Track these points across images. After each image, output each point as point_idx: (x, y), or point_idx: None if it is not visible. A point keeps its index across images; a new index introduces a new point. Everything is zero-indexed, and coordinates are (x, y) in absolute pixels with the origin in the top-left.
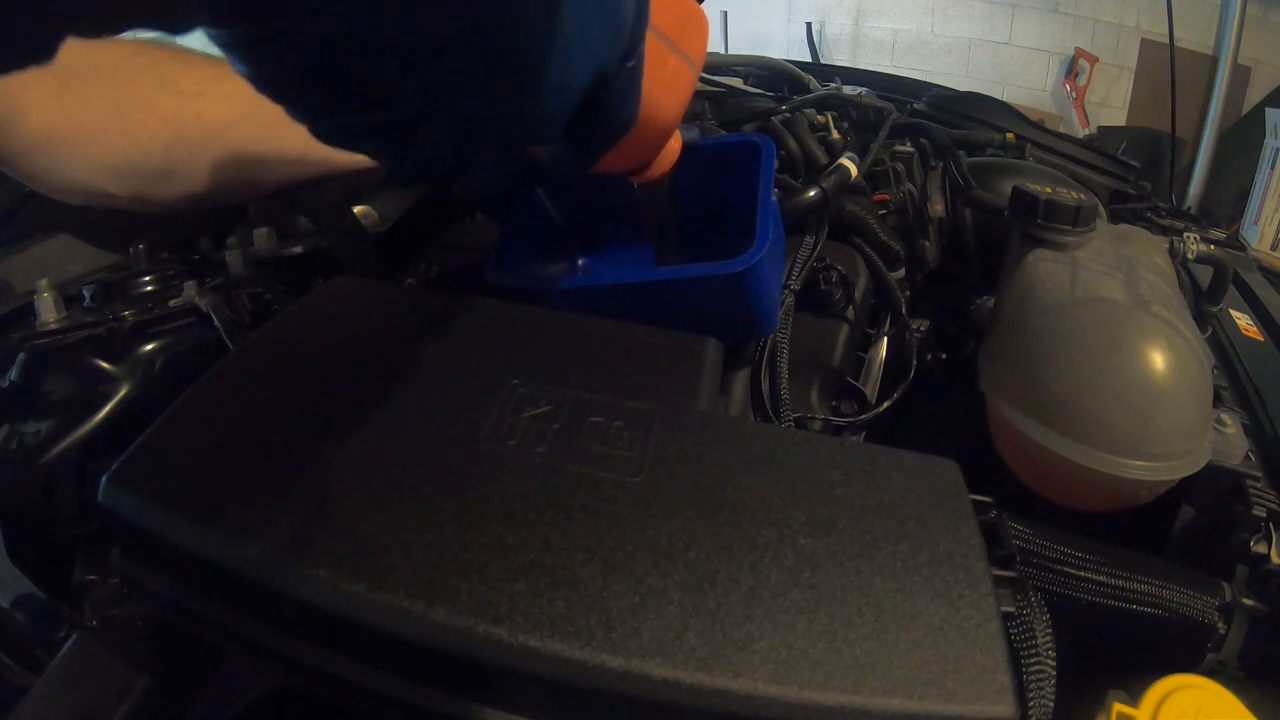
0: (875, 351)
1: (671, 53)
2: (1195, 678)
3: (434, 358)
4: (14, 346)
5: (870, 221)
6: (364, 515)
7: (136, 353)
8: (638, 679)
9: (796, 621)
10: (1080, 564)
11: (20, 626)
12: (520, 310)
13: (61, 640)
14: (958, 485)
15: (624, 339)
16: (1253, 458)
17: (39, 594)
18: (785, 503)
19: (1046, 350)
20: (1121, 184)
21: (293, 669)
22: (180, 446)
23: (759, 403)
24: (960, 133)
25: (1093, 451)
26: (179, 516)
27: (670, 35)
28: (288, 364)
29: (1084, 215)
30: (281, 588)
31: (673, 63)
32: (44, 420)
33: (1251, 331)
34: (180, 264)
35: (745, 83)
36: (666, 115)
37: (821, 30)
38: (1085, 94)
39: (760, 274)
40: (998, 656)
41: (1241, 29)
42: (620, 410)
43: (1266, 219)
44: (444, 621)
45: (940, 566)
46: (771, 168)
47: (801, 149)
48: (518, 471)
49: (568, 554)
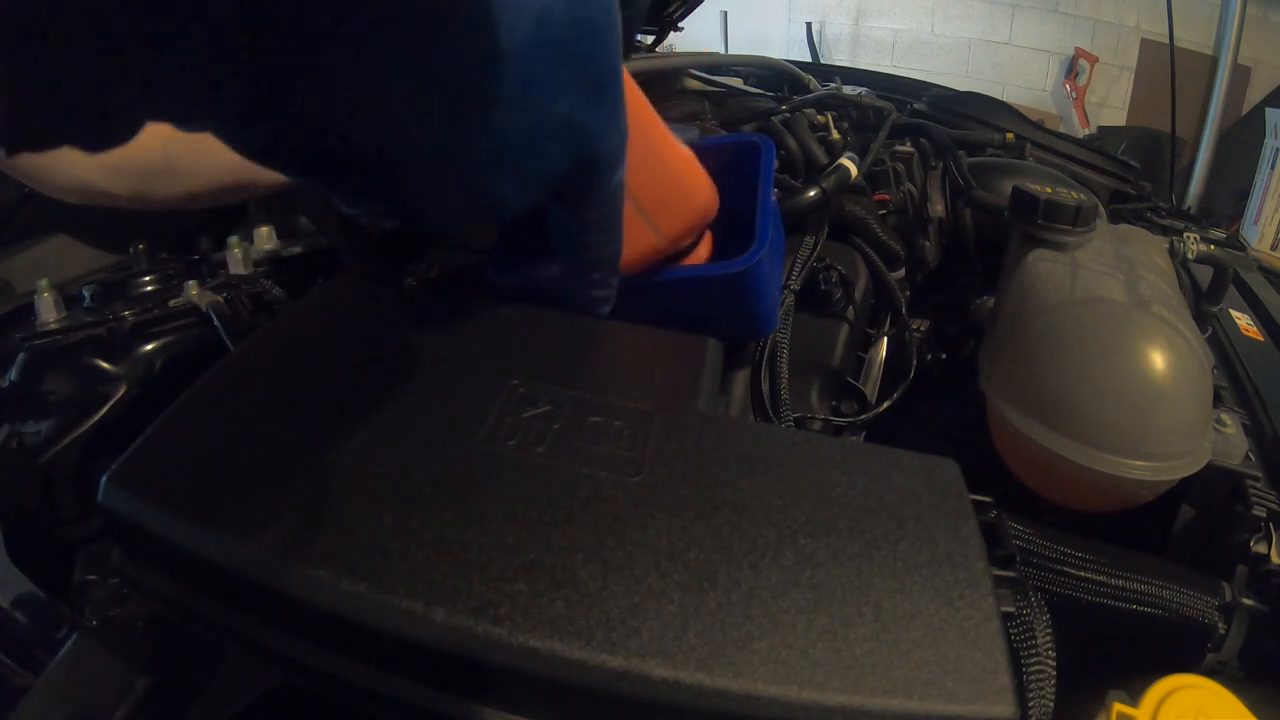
0: (875, 351)
1: (641, 218)
2: (1195, 678)
3: (434, 358)
4: (14, 346)
5: (870, 221)
6: (364, 515)
7: (136, 353)
8: (638, 679)
9: (796, 621)
10: (1080, 564)
11: (20, 626)
12: (520, 310)
13: (61, 640)
14: (958, 485)
15: (624, 339)
16: (1253, 458)
17: (39, 594)
18: (785, 503)
19: (1046, 350)
20: (1121, 184)
21: (293, 669)
22: (180, 446)
23: (759, 403)
24: (960, 133)
25: (1093, 451)
26: (179, 516)
27: (649, 210)
28: (288, 364)
29: (1084, 215)
30: (281, 588)
31: (637, 225)
32: (44, 420)
33: (1251, 331)
34: (180, 264)
35: (745, 83)
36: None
37: (821, 30)
38: (1085, 94)
39: (760, 274)
40: (998, 656)
41: (1241, 29)
42: (620, 410)
43: (1266, 219)
44: (444, 621)
45: (940, 566)
46: (771, 168)
47: (801, 149)
48: (518, 471)
49: (568, 554)
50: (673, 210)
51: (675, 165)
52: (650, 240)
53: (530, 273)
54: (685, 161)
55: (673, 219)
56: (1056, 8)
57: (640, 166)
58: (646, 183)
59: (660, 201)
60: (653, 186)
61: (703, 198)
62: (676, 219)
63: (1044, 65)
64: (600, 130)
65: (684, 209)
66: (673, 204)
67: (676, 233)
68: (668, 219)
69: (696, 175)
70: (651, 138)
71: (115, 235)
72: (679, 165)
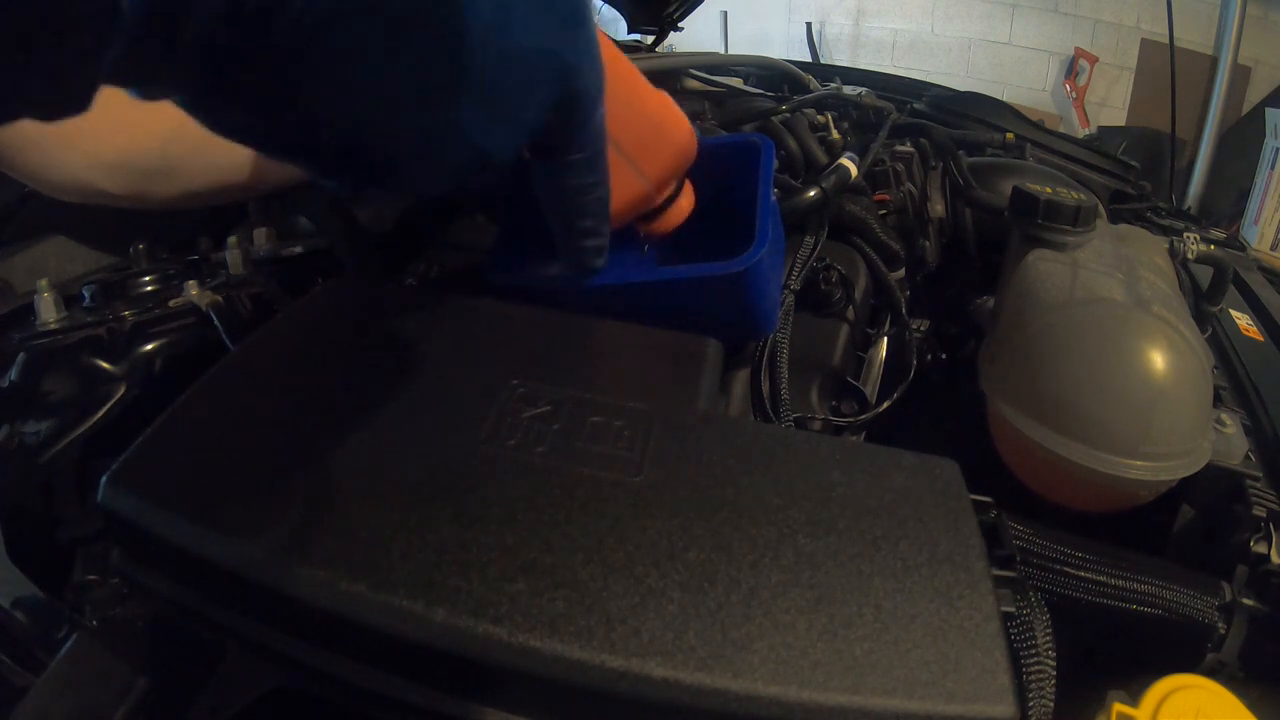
0: (875, 351)
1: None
2: (1195, 678)
3: (434, 358)
4: (14, 346)
5: (870, 221)
6: (364, 515)
7: (136, 353)
8: (638, 679)
9: (796, 621)
10: (1080, 564)
11: (20, 626)
12: (520, 310)
13: (61, 640)
14: (958, 485)
15: (624, 339)
16: (1253, 458)
17: (39, 594)
18: (785, 503)
19: (1046, 350)
20: (1121, 184)
21: (293, 669)
22: (180, 446)
23: (759, 403)
24: (960, 133)
25: (1093, 451)
26: (179, 516)
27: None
28: (288, 364)
29: (1084, 215)
30: (281, 588)
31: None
32: (44, 420)
33: (1251, 331)
34: (180, 264)
35: (745, 83)
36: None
37: (821, 30)
38: (1085, 94)
39: (760, 274)
40: (998, 656)
41: (1241, 29)
42: (620, 410)
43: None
44: (444, 621)
45: (940, 566)
46: (771, 168)
47: (801, 149)
48: (518, 471)
49: (568, 554)
50: (655, 152)
51: (652, 107)
52: (636, 185)
53: (530, 273)
54: (661, 102)
55: (656, 161)
56: (1056, 8)
57: (619, 111)
58: (626, 126)
59: (642, 144)
60: (633, 130)
61: (683, 137)
62: (660, 161)
63: (1044, 65)
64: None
65: (666, 150)
66: (654, 146)
67: (660, 175)
68: (651, 161)
69: (674, 115)
70: (626, 80)
71: (115, 235)
72: (656, 107)
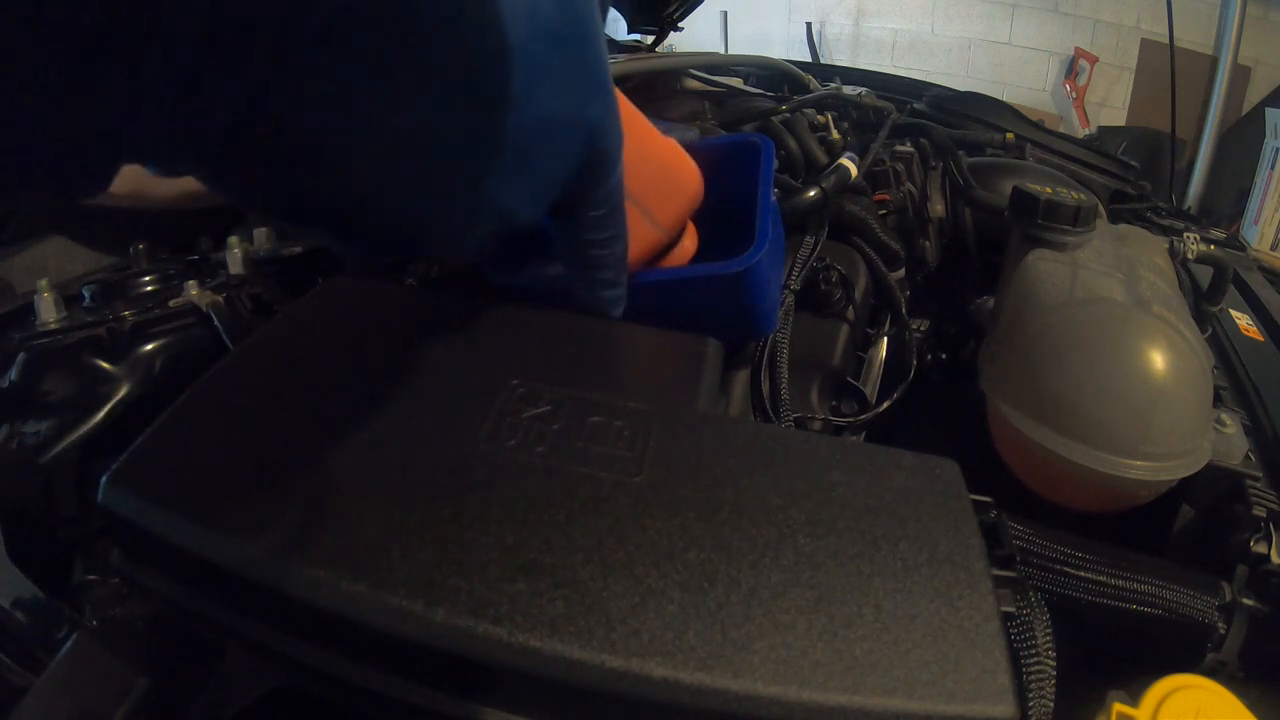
0: (875, 351)
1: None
2: (1195, 678)
3: (434, 358)
4: (14, 346)
5: (870, 221)
6: (364, 515)
7: (136, 353)
8: (638, 679)
9: (796, 621)
10: (1080, 564)
11: (20, 626)
12: (520, 310)
13: (61, 640)
14: (958, 485)
15: (624, 339)
16: (1253, 458)
17: (39, 594)
18: (785, 503)
19: (1046, 350)
20: (1121, 184)
21: (293, 669)
22: (180, 446)
23: (759, 403)
24: (960, 133)
25: (1093, 451)
26: (179, 516)
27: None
28: (288, 364)
29: (1084, 215)
30: (281, 588)
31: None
32: (44, 420)
33: (1251, 331)
34: (180, 264)
35: (745, 83)
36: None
37: (821, 30)
38: (1085, 94)
39: (760, 274)
40: (998, 656)
41: (1241, 29)
42: (620, 410)
43: (1266, 219)
44: (444, 621)
45: (940, 566)
46: (771, 168)
47: (801, 149)
48: (518, 472)
49: (568, 554)
50: (667, 200)
51: (663, 155)
52: (650, 234)
53: (530, 273)
54: (670, 150)
55: (668, 209)
56: (1056, 8)
57: (632, 162)
58: (639, 176)
59: (654, 193)
60: (646, 179)
61: (692, 184)
62: (672, 208)
63: (1044, 65)
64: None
65: (677, 197)
66: (666, 194)
67: (673, 222)
68: (663, 209)
69: (683, 162)
70: (638, 130)
71: (115, 235)
72: (666, 154)
